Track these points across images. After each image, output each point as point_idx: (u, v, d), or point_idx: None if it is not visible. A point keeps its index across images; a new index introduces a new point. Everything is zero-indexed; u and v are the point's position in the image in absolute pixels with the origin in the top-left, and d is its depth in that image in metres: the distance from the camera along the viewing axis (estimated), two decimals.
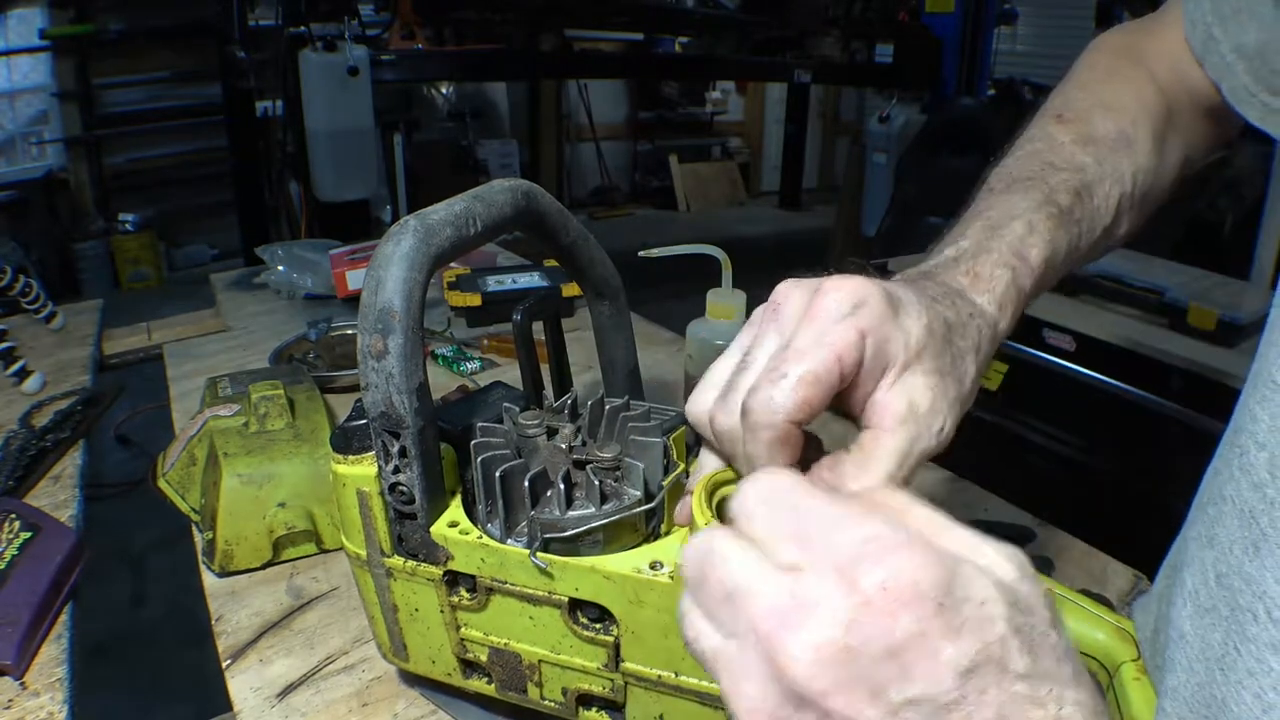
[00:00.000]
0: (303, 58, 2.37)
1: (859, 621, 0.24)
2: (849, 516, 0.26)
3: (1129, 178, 0.51)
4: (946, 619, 0.24)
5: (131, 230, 4.36)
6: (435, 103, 5.27)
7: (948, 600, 0.24)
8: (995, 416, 1.87)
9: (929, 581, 0.24)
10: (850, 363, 0.34)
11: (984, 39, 4.21)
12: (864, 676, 0.24)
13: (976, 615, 0.24)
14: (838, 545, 0.25)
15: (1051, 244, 0.46)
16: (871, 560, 0.24)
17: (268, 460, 0.72)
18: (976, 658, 0.24)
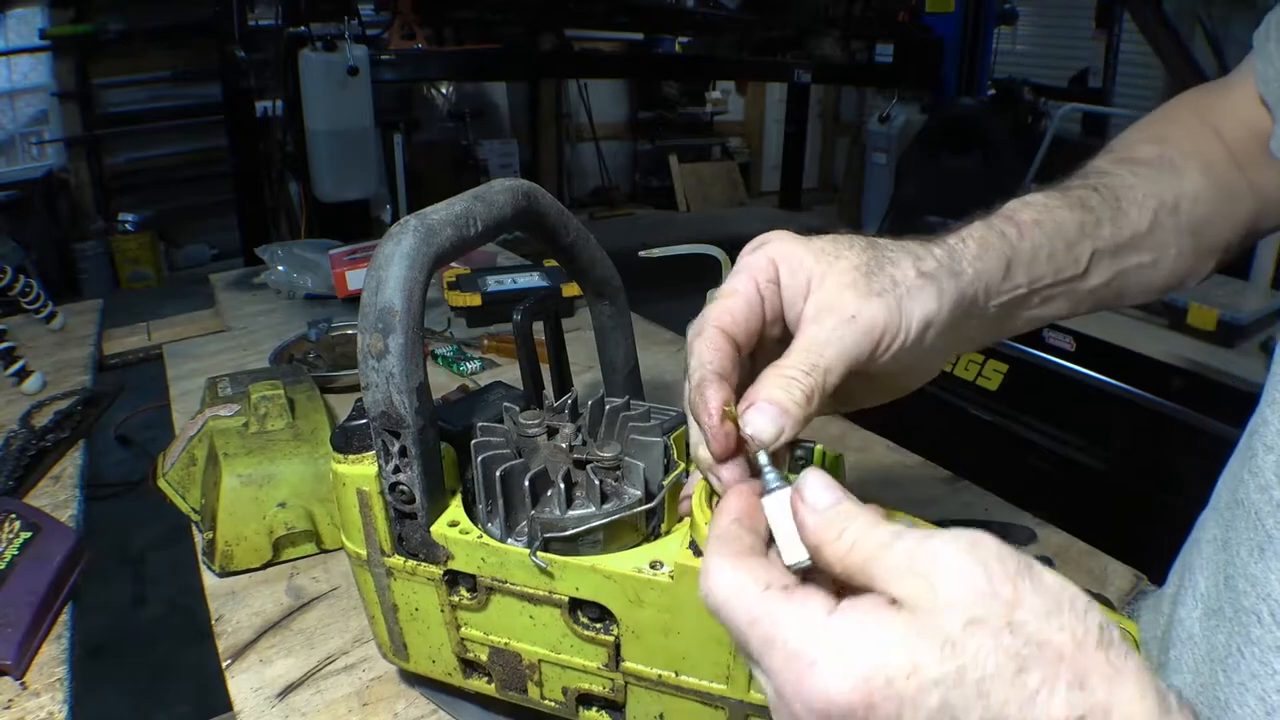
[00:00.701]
0: (303, 58, 2.37)
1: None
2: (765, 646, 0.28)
3: (1170, 195, 0.50)
4: (884, 713, 0.25)
5: (131, 230, 4.36)
6: (435, 103, 5.26)
7: (873, 698, 0.25)
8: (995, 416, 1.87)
9: (846, 695, 0.25)
10: (765, 279, 0.38)
11: (984, 39, 4.21)
12: None
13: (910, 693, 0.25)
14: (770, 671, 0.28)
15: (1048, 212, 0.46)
16: (792, 694, 0.27)
17: (268, 460, 0.72)
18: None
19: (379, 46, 2.74)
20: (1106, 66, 4.65)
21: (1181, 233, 0.50)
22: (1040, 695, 0.24)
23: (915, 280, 0.39)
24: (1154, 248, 0.49)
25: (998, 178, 3.66)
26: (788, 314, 0.39)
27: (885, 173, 4.23)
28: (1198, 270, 0.53)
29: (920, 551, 0.27)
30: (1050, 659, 0.24)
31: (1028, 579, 0.26)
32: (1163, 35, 3.24)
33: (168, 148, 4.62)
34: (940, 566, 0.26)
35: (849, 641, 0.26)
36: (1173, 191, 0.50)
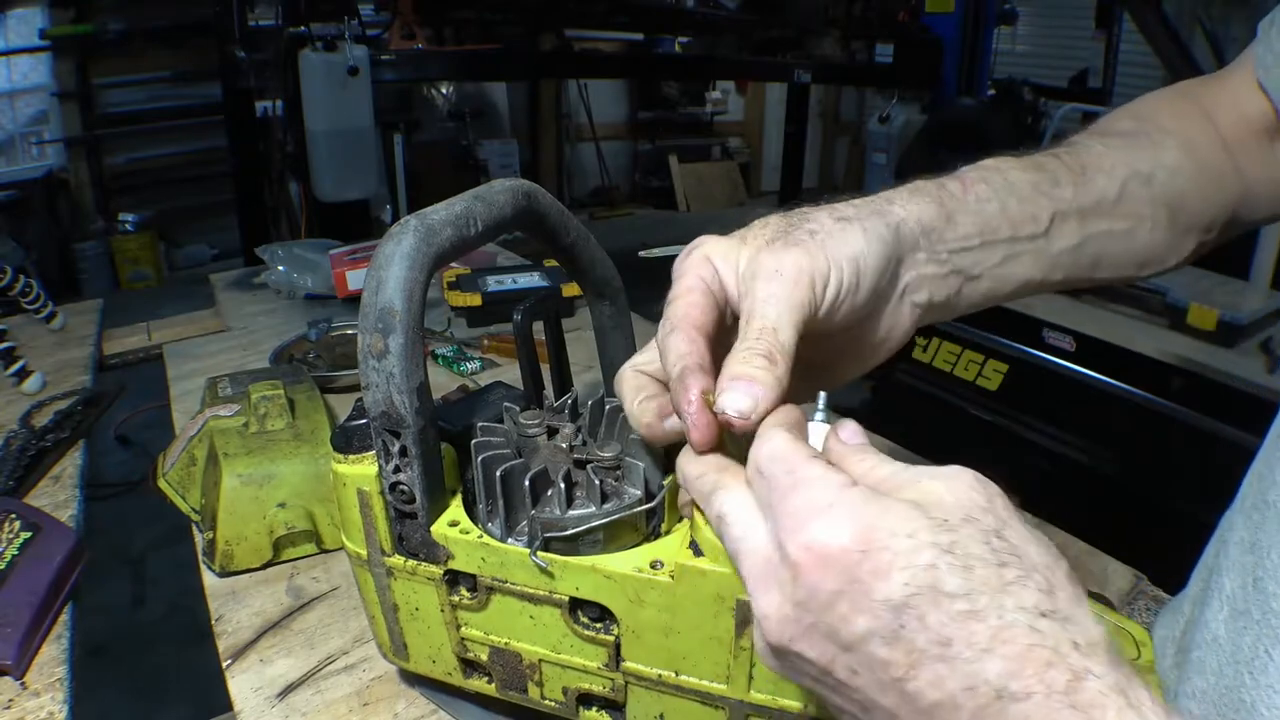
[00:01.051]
0: (303, 58, 2.37)
1: (797, 581, 0.28)
2: (793, 487, 0.30)
3: (1144, 166, 0.50)
4: (872, 563, 0.27)
5: (131, 230, 4.36)
6: (435, 103, 5.26)
7: (869, 546, 0.27)
8: (995, 416, 1.87)
9: (847, 536, 0.28)
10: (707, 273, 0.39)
11: (984, 39, 4.21)
12: (817, 625, 0.28)
13: (903, 549, 0.27)
14: (782, 517, 0.30)
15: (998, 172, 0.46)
16: (792, 529, 0.29)
17: (268, 460, 0.72)
18: (908, 590, 0.26)
19: (379, 46, 2.73)
20: (1106, 66, 4.65)
21: (1156, 204, 0.50)
22: (1013, 586, 0.26)
23: (833, 225, 0.39)
24: (1126, 216, 0.49)
25: None
26: (732, 306, 0.40)
27: (885, 173, 4.22)
28: (1177, 248, 0.52)
29: (933, 472, 0.30)
30: (1027, 565, 0.27)
31: (1017, 516, 0.29)
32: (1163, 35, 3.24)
33: (168, 148, 4.62)
34: (943, 485, 0.29)
35: (865, 503, 0.28)
36: (1147, 162, 0.50)
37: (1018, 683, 0.25)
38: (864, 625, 0.27)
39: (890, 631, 0.27)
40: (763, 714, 0.42)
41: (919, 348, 2.02)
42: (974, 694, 0.25)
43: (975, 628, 0.26)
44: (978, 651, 0.26)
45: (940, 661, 0.26)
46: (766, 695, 0.41)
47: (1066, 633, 0.26)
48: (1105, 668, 0.25)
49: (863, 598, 0.27)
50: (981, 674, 0.25)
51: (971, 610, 0.26)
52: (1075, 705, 0.24)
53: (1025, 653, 0.25)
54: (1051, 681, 0.25)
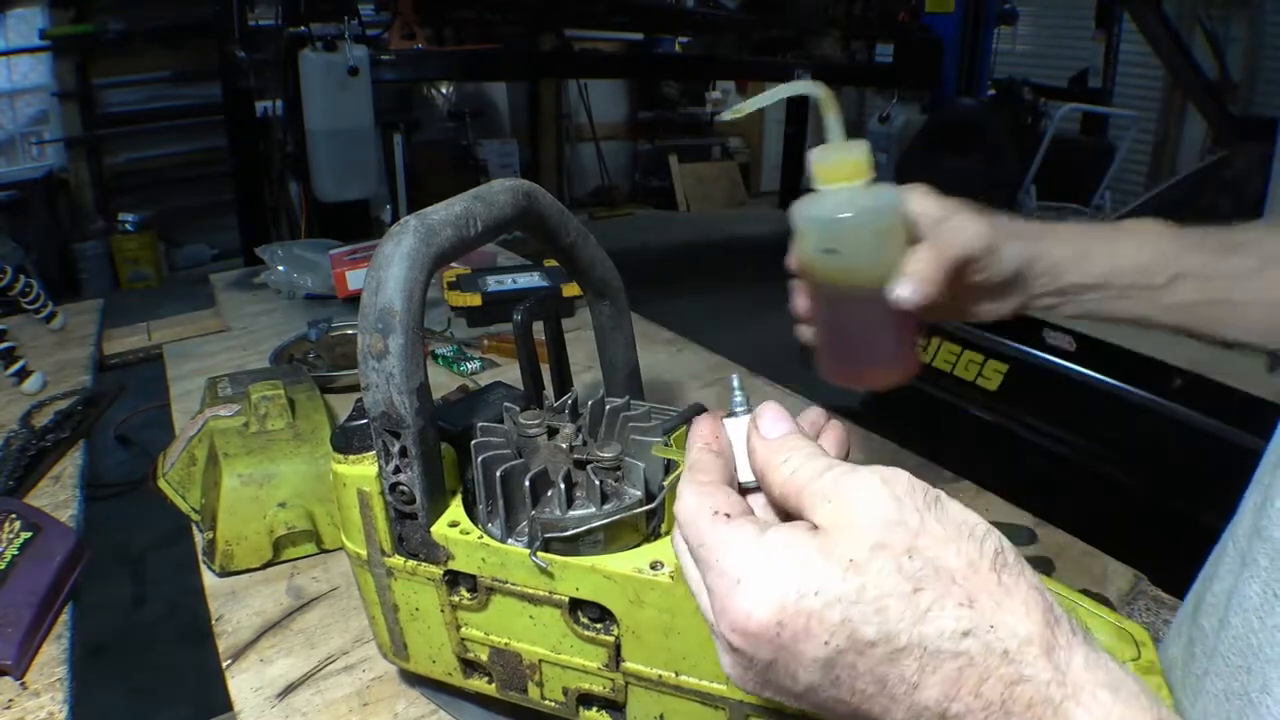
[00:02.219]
0: (303, 58, 2.37)
1: (737, 654, 0.30)
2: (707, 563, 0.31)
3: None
4: (791, 630, 0.28)
5: (131, 230, 4.35)
6: (435, 103, 5.26)
7: (785, 615, 0.28)
8: (995, 416, 1.87)
9: (764, 612, 0.28)
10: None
11: (984, 39, 4.21)
12: (769, 681, 0.30)
13: (816, 609, 0.28)
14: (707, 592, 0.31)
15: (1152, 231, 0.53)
16: (719, 611, 0.30)
17: (268, 460, 0.72)
18: (829, 649, 0.28)
19: (379, 46, 2.74)
20: (1106, 66, 4.65)
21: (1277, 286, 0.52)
22: (931, 612, 0.27)
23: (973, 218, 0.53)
24: (1261, 289, 0.52)
25: (998, 178, 3.66)
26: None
27: (885, 173, 4.19)
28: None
29: (842, 482, 0.30)
30: (944, 581, 0.27)
31: (934, 510, 0.29)
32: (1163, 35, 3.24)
33: (168, 148, 4.62)
34: (856, 496, 0.29)
35: (767, 563, 0.29)
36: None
37: (957, 704, 0.26)
38: (805, 679, 0.29)
39: (830, 681, 0.28)
40: (763, 714, 0.42)
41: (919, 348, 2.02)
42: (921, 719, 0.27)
43: (904, 664, 0.27)
44: (910, 686, 0.27)
45: (882, 695, 0.28)
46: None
47: (994, 644, 0.27)
48: (1039, 664, 0.26)
49: (794, 660, 0.29)
50: (921, 702, 0.27)
51: (894, 650, 0.27)
52: (1011, 712, 0.26)
53: (957, 675, 0.26)
54: (987, 696, 0.26)
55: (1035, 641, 0.27)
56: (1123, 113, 4.25)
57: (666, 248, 5.22)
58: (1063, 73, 4.86)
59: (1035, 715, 0.26)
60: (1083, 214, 3.79)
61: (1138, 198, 2.72)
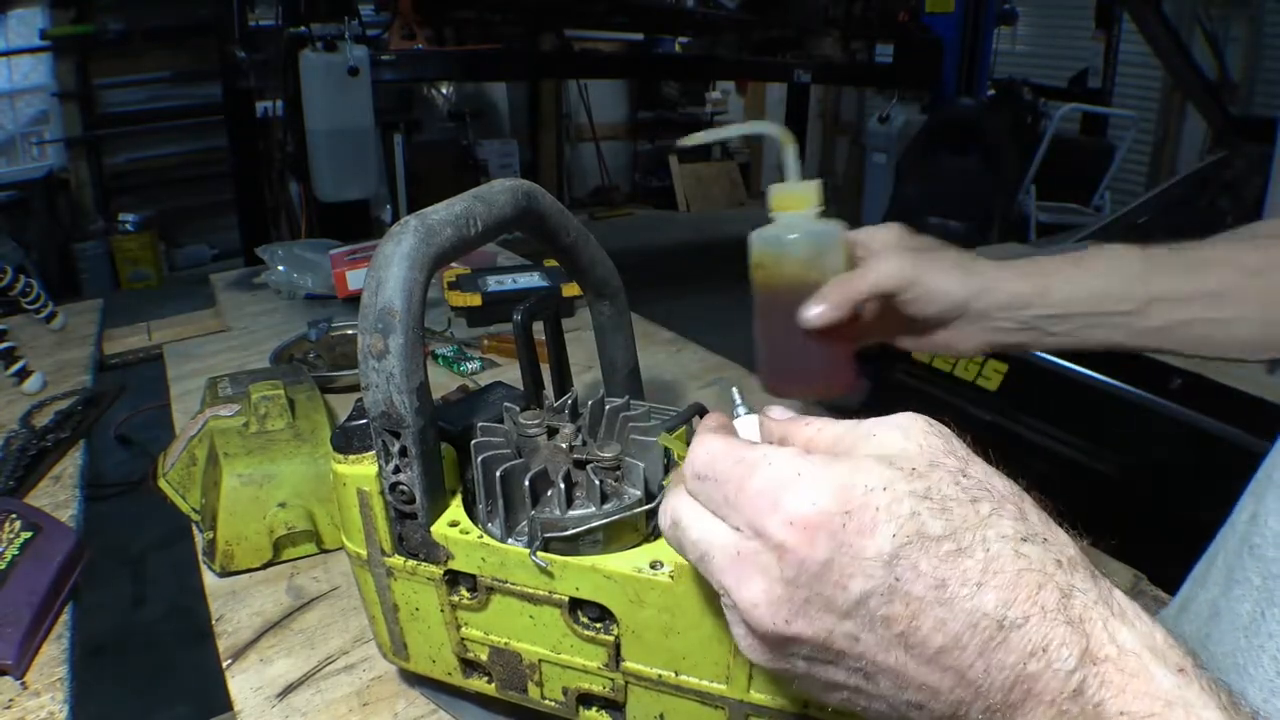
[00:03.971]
0: (303, 58, 2.37)
1: (784, 560, 0.28)
2: (748, 474, 0.30)
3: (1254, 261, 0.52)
4: (857, 522, 0.27)
5: (131, 230, 4.35)
6: (435, 103, 5.26)
7: (851, 506, 0.27)
8: (995, 416, 1.87)
9: (825, 502, 0.27)
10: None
11: (984, 39, 4.21)
12: (812, 600, 0.28)
13: (884, 503, 0.27)
14: (745, 505, 0.29)
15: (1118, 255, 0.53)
16: (767, 510, 0.28)
17: (268, 460, 0.72)
18: (896, 542, 0.27)
19: (379, 46, 2.74)
20: (1106, 66, 4.65)
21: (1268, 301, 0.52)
22: (991, 518, 0.27)
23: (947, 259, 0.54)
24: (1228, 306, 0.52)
25: (998, 178, 3.66)
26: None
27: (885, 173, 4.22)
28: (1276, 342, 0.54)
29: (883, 422, 0.30)
30: (997, 497, 0.28)
31: (973, 455, 0.30)
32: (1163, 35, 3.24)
33: (168, 148, 4.62)
34: (904, 429, 0.30)
35: (830, 465, 0.29)
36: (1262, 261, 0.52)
37: (1015, 609, 0.26)
38: (859, 587, 0.27)
39: (887, 587, 0.27)
40: (762, 714, 0.42)
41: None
42: (977, 630, 0.26)
43: (966, 564, 0.26)
44: (973, 587, 0.26)
45: (939, 605, 0.26)
46: (766, 695, 0.41)
47: (1049, 553, 0.27)
48: (1088, 582, 0.27)
49: (854, 559, 0.27)
50: (980, 608, 0.26)
51: (959, 549, 0.26)
52: (1069, 620, 0.25)
53: (1016, 579, 0.26)
54: (1045, 602, 0.26)
55: (1081, 562, 0.27)
56: (1122, 113, 4.25)
57: (666, 248, 5.22)
58: (1063, 73, 4.86)
59: (1085, 630, 0.25)
60: (1083, 214, 3.79)
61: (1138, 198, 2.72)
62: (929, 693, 0.27)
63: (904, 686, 0.28)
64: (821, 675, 0.30)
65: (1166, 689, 0.24)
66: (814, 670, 0.30)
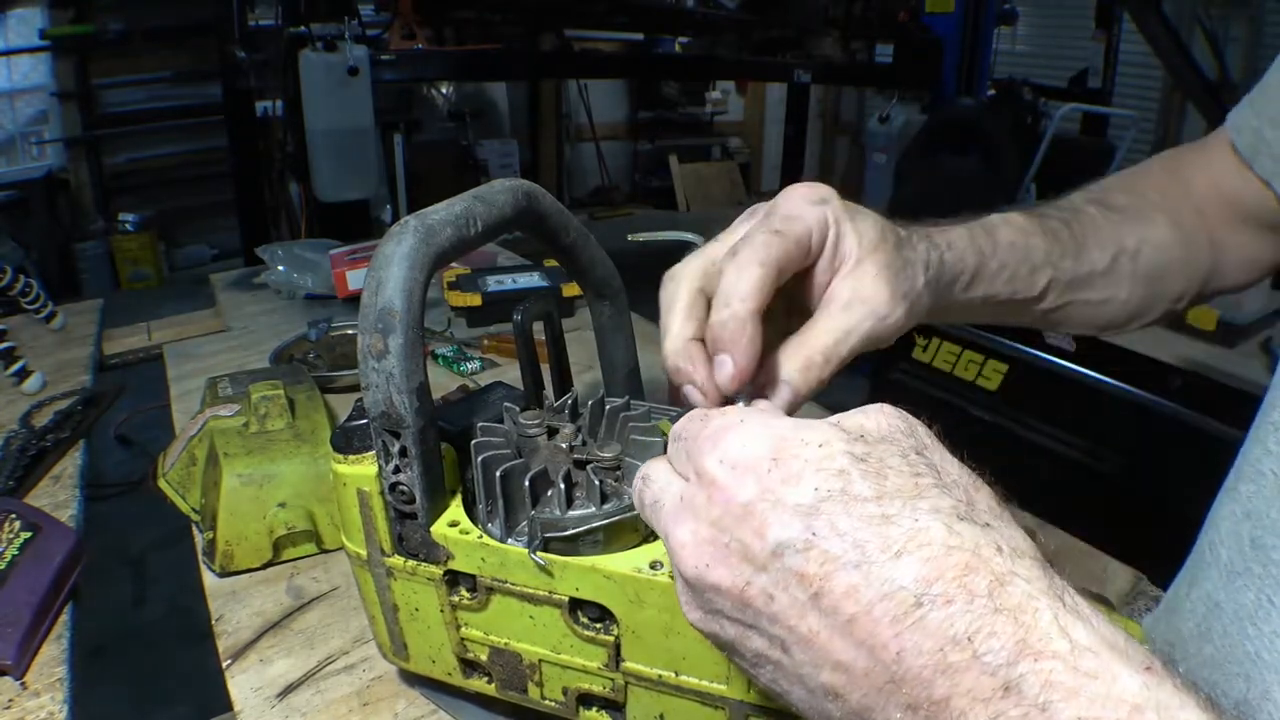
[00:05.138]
0: (303, 58, 2.37)
1: (711, 500, 0.28)
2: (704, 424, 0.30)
3: (1132, 241, 0.53)
4: (784, 470, 0.27)
5: (131, 230, 4.36)
6: (435, 103, 5.26)
7: (781, 454, 0.27)
8: (995, 416, 1.87)
9: (758, 445, 0.28)
10: (818, 240, 0.40)
11: (984, 39, 4.21)
12: (731, 546, 0.27)
13: (814, 457, 0.27)
14: (694, 451, 0.30)
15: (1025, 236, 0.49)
16: (709, 450, 0.29)
17: (268, 460, 0.72)
18: (817, 494, 0.26)
19: (379, 46, 2.73)
20: (1106, 66, 4.65)
21: (1136, 279, 0.54)
22: (929, 491, 0.26)
23: (923, 288, 0.42)
24: (1107, 287, 0.53)
25: (998, 178, 3.66)
26: (815, 280, 0.41)
27: (885, 173, 4.22)
28: (1144, 314, 0.56)
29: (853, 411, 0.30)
30: (945, 480, 0.27)
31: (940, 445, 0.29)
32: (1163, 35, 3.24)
33: (168, 148, 4.62)
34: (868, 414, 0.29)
35: (777, 419, 0.29)
36: (1136, 237, 0.53)
37: (936, 588, 0.24)
38: (775, 535, 0.26)
39: (804, 540, 0.26)
40: (762, 714, 0.42)
41: (919, 347, 2.02)
42: (891, 601, 0.24)
43: (889, 531, 0.25)
44: (891, 555, 0.24)
45: (854, 568, 0.25)
46: (766, 696, 0.41)
47: (988, 536, 0.25)
48: (1034, 571, 0.25)
49: (774, 506, 0.26)
50: (896, 579, 0.24)
51: (884, 515, 0.25)
52: (1000, 609, 0.23)
53: (942, 556, 0.24)
54: (973, 586, 0.24)
55: (1030, 555, 0.25)
56: (1123, 113, 4.25)
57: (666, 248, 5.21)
58: (1063, 73, 4.85)
59: (1022, 621, 0.23)
60: None
61: None
62: (843, 674, 0.25)
63: (819, 664, 0.26)
64: (746, 645, 0.29)
65: (1133, 690, 0.22)
66: (739, 637, 0.29)
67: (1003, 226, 0.49)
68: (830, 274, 0.40)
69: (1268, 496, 0.40)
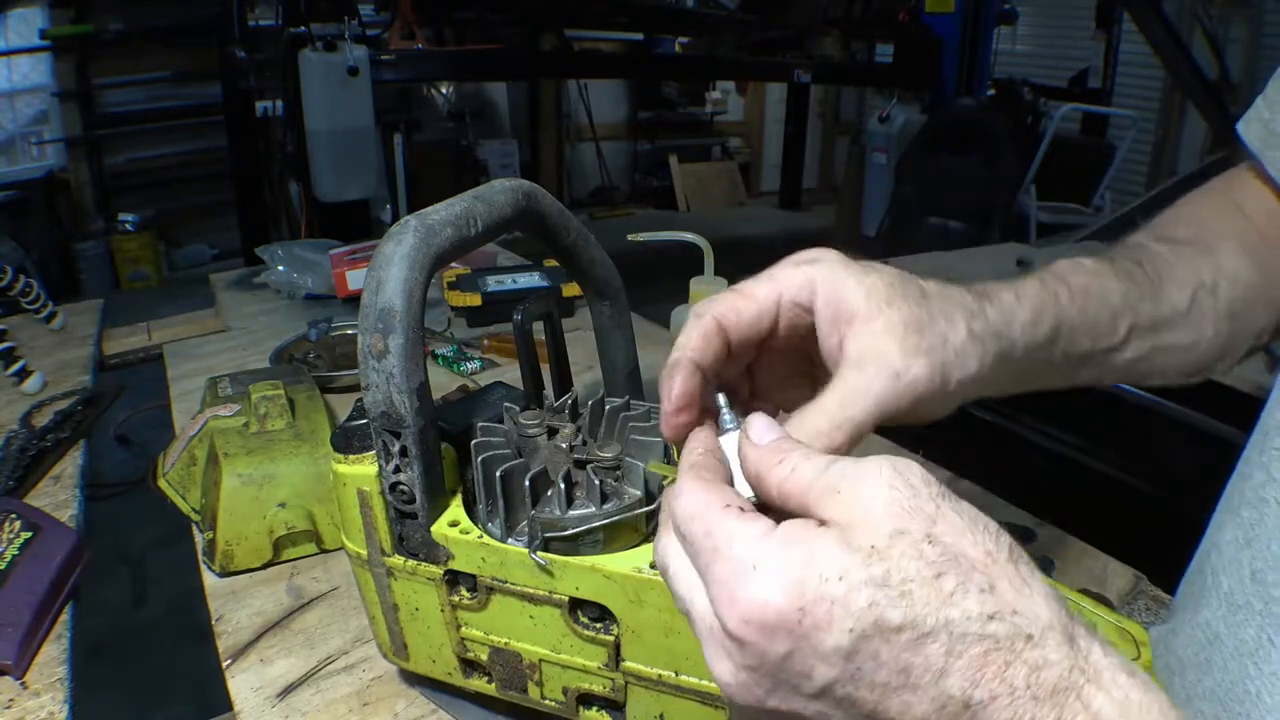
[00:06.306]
0: (303, 58, 2.37)
1: (745, 652, 0.28)
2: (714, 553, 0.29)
3: (1209, 276, 0.49)
4: (812, 618, 0.27)
5: (131, 230, 4.35)
6: (435, 103, 5.27)
7: (806, 601, 0.27)
8: (995, 416, 1.87)
9: (779, 598, 0.27)
10: (790, 299, 0.38)
11: (984, 39, 4.21)
12: (778, 684, 0.28)
13: (839, 595, 0.27)
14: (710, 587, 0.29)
15: (1098, 279, 0.45)
16: (726, 602, 0.28)
17: (268, 460, 0.72)
18: (853, 636, 0.26)
19: (379, 46, 2.73)
20: (1106, 66, 4.65)
21: (1219, 316, 0.49)
22: (954, 596, 0.26)
23: (964, 341, 0.38)
24: (1192, 329, 0.48)
25: (998, 178, 3.66)
26: (823, 345, 0.38)
27: (885, 173, 4.23)
28: (1230, 354, 0.52)
29: (849, 473, 0.29)
30: (965, 568, 0.27)
31: (948, 501, 0.28)
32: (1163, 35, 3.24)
33: (168, 148, 4.62)
34: (867, 485, 0.28)
35: (784, 549, 0.28)
36: (1211, 272, 0.49)
37: (981, 690, 0.26)
38: (822, 675, 0.27)
39: (850, 675, 0.27)
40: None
41: None
42: (944, 712, 0.26)
43: (929, 649, 0.26)
44: (936, 674, 0.26)
45: (904, 690, 0.26)
46: None
47: (1019, 627, 0.26)
48: (1060, 651, 0.26)
49: (813, 653, 0.27)
50: (946, 691, 0.26)
51: (920, 635, 0.26)
52: (1037, 697, 0.25)
53: (982, 659, 0.26)
54: (1013, 680, 0.25)
55: (1057, 628, 0.26)
56: (1122, 113, 4.26)
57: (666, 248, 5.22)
58: (1063, 73, 4.86)
59: (1059, 701, 0.25)
60: (1083, 214, 3.79)
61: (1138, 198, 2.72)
62: None
63: None
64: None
65: None
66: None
67: (1073, 271, 0.45)
68: (838, 335, 0.37)
69: (1270, 526, 0.39)
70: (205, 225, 4.76)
